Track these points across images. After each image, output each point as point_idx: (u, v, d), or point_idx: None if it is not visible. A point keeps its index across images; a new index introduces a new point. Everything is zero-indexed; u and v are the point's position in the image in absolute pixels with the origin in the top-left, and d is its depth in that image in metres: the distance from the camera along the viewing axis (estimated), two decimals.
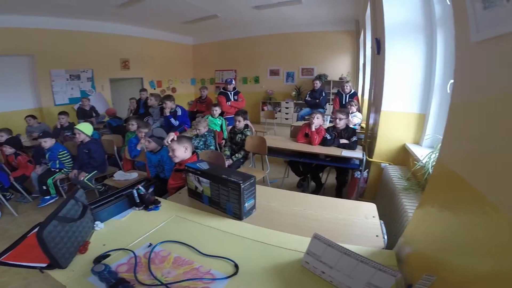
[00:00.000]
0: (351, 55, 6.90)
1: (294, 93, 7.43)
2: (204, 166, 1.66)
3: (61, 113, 4.49)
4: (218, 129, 4.04)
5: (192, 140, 3.29)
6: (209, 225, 1.40)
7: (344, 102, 4.66)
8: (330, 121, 4.00)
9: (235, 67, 8.67)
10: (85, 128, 3.11)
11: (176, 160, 2.11)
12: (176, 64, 8.89)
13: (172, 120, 3.95)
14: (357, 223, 1.42)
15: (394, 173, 2.26)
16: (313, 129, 3.11)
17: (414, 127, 2.46)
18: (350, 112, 3.99)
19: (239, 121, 3.39)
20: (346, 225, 1.40)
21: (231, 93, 4.74)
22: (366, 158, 2.68)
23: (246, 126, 3.47)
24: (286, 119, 7.57)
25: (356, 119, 3.99)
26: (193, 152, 2.20)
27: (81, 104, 5.50)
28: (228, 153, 3.36)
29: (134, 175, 3.02)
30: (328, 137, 3.02)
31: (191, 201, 1.74)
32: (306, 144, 3.17)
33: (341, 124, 3.03)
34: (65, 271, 1.11)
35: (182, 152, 2.09)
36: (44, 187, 3.20)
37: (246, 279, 1.01)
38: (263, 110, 7.81)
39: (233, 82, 4.86)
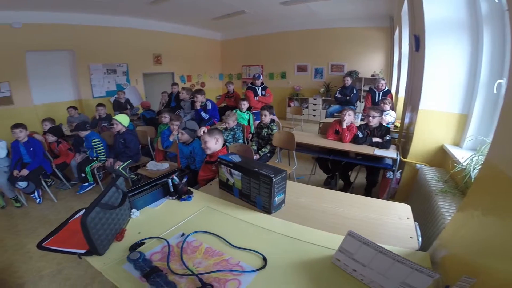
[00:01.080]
0: (384, 52, 6.61)
1: (322, 89, 7.28)
2: (236, 158, 1.68)
3: (99, 104, 4.77)
4: (246, 123, 4.08)
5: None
6: (239, 217, 1.41)
7: (376, 100, 4.48)
8: (361, 119, 3.89)
9: (262, 62, 8.67)
10: (123, 119, 3.27)
11: (208, 152, 2.16)
12: (205, 59, 9.07)
13: (203, 113, 4.04)
14: (390, 223, 1.37)
15: (430, 174, 2.16)
16: (344, 126, 3.05)
17: (454, 128, 2.32)
18: (383, 110, 3.84)
19: (265, 116, 3.40)
20: (379, 225, 1.36)
21: (258, 88, 4.75)
22: (400, 158, 2.57)
23: (272, 121, 3.48)
24: (314, 115, 7.46)
25: (390, 117, 3.83)
26: (223, 145, 2.24)
27: (117, 96, 5.80)
28: (254, 147, 3.39)
29: (165, 165, 3.14)
30: (360, 135, 2.94)
31: (221, 192, 1.77)
32: (336, 141, 3.10)
33: (374, 122, 2.93)
34: (102, 257, 1.16)
35: (213, 143, 2.14)
36: (83, 175, 3.43)
37: (274, 273, 1.01)
38: (289, 106, 7.75)
39: (261, 77, 4.87)
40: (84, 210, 1.47)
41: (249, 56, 8.90)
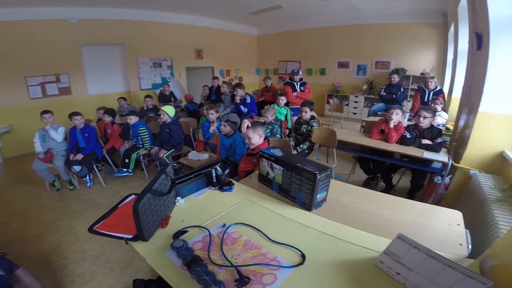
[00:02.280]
0: (436, 50, 6.09)
1: (365, 86, 6.96)
2: (278, 153, 1.66)
3: (147, 96, 5.10)
4: (283, 119, 4.08)
5: None
6: (278, 212, 1.41)
7: (426, 100, 4.17)
8: (408, 119, 3.66)
9: (300, 58, 8.51)
10: (169, 110, 3.47)
11: (252, 147, 2.19)
12: (242, 54, 9.15)
13: (242, 107, 4.12)
14: (439, 229, 1.29)
15: (485, 182, 1.98)
16: (391, 126, 2.89)
17: None
18: (435, 110, 3.57)
19: (305, 112, 3.36)
20: (426, 230, 1.29)
21: (297, 84, 4.70)
22: (451, 163, 2.39)
23: (313, 117, 3.43)
24: (354, 113, 7.17)
25: (441, 119, 3.54)
26: (265, 138, 2.26)
27: (162, 89, 6.14)
28: (292, 143, 3.38)
29: (205, 156, 3.28)
30: (408, 135, 2.77)
31: (260, 186, 1.78)
32: (381, 141, 2.97)
33: (425, 123, 2.73)
34: (147, 244, 1.19)
35: (257, 139, 2.16)
36: (126, 160, 3.65)
37: (312, 270, 1.00)
38: (328, 103, 7.55)
39: (300, 72, 4.80)
40: (133, 195, 1.62)
41: (286, 52, 8.79)
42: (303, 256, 1.05)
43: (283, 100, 4.14)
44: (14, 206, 3.21)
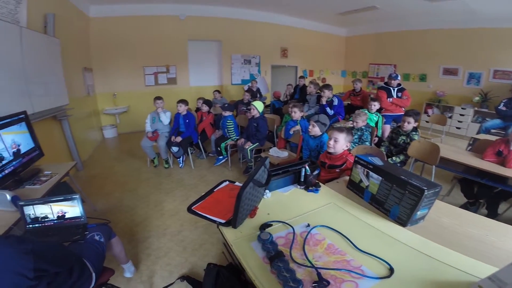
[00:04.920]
0: None
1: (477, 98, 5.84)
2: (378, 161, 1.56)
3: (248, 90, 5.47)
4: (373, 125, 3.79)
5: None
6: (367, 221, 1.34)
7: None
8: None
9: (395, 61, 7.74)
10: (259, 106, 3.63)
11: (331, 150, 2.06)
12: (328, 55, 8.90)
13: (328, 109, 4.00)
14: None
15: None
16: None
17: None
18: None
19: (408, 123, 3.03)
20: None
21: (394, 89, 4.28)
22: None
23: (415, 128, 3.07)
24: (458, 128, 6.12)
25: None
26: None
27: (250, 85, 6.47)
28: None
29: (285, 153, 3.32)
30: None
31: (347, 192, 1.69)
32: (496, 164, 2.48)
33: None
34: (235, 231, 1.23)
35: (343, 145, 2.04)
36: (218, 149, 4.03)
37: (398, 285, 0.94)
38: (425, 112, 6.67)
39: (399, 77, 4.36)
40: (227, 182, 1.74)
41: (379, 54, 8.13)
42: (391, 270, 0.99)
43: (375, 106, 3.84)
44: (119, 177, 3.79)
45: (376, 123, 3.87)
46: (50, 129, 3.48)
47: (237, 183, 1.74)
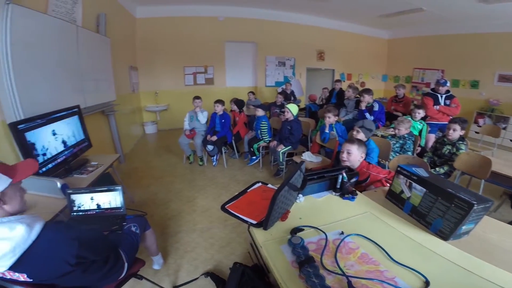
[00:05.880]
0: None
1: None
2: (422, 173, 1.47)
3: (280, 92, 5.45)
4: (416, 134, 3.54)
5: (388, 139, 3.08)
6: (405, 233, 1.28)
7: None
8: None
9: (443, 66, 7.18)
10: (293, 109, 3.58)
11: (346, 164, 1.98)
12: (367, 58, 8.57)
13: (367, 114, 3.81)
14: None
15: None
16: None
17: None
18: None
19: (453, 130, 2.78)
20: None
21: (441, 96, 3.96)
22: None
23: (462, 138, 2.82)
24: None
25: None
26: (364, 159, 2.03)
27: (284, 87, 6.43)
28: None
29: (319, 158, 3.22)
30: None
31: (385, 202, 1.62)
32: None
33: None
34: (265, 233, 1.23)
35: (357, 157, 1.96)
36: (251, 149, 4.07)
37: None
38: (476, 122, 6.10)
39: (448, 83, 4.02)
40: (260, 183, 1.74)
41: (425, 58, 7.61)
42: (426, 283, 0.95)
43: (419, 113, 3.59)
44: (156, 171, 3.96)
45: (420, 132, 3.62)
46: (98, 123, 3.76)
47: (270, 185, 1.74)
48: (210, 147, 3.95)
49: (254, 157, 4.14)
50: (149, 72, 6.21)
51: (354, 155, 1.97)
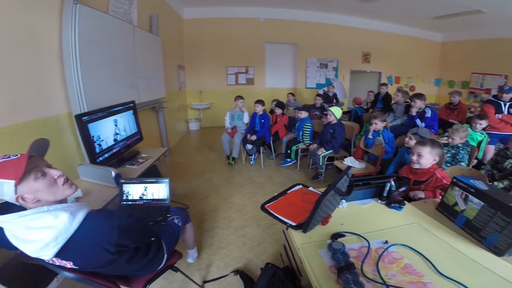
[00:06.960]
0: None
1: None
2: (481, 185, 1.38)
3: (318, 95, 5.36)
4: (474, 145, 3.21)
5: None
6: (455, 246, 1.21)
7: None
8: None
9: (506, 72, 6.48)
10: (336, 112, 3.48)
11: (416, 166, 1.90)
12: (418, 61, 8.07)
13: (418, 121, 3.55)
14: None
15: None
16: None
17: None
18: None
19: None
20: None
21: (505, 104, 3.55)
22: None
23: None
24: None
25: None
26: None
27: (326, 89, 6.28)
28: None
29: (362, 165, 3.09)
30: None
31: (435, 213, 1.53)
32: None
33: None
34: (304, 235, 1.22)
35: (429, 161, 1.85)
36: (288, 151, 4.03)
37: None
38: None
39: None
40: (300, 185, 1.73)
41: (485, 63, 6.93)
42: None
43: (481, 124, 3.21)
44: (197, 167, 4.12)
45: (479, 143, 3.26)
46: (149, 118, 4.03)
47: (311, 188, 1.73)
48: (249, 146, 4.01)
49: (288, 159, 4.09)
50: (194, 71, 6.52)
51: (425, 158, 1.88)
